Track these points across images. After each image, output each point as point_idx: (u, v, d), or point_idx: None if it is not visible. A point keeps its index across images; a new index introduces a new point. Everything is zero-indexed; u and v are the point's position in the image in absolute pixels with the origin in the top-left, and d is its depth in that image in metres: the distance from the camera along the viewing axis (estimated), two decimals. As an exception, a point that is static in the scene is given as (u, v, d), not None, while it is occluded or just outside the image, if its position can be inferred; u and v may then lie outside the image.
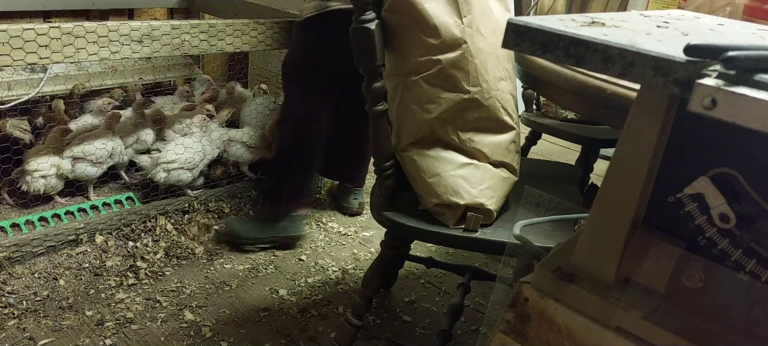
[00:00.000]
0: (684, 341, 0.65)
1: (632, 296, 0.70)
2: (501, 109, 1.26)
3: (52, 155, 1.96)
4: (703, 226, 0.68)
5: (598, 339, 0.69)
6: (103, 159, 2.02)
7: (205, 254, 1.97)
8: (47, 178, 1.94)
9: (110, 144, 2.04)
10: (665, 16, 0.87)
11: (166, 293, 1.76)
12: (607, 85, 1.13)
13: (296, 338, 1.64)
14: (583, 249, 0.74)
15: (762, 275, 0.65)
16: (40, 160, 1.92)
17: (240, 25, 2.00)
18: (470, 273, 1.63)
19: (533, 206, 1.20)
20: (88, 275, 1.79)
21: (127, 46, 1.77)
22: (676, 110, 0.65)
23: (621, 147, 0.69)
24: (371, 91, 1.21)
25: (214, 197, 2.19)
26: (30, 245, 1.79)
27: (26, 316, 1.61)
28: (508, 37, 0.68)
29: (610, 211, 0.71)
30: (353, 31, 1.17)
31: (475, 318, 1.80)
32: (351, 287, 1.89)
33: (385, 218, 1.29)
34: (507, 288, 0.93)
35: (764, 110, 0.49)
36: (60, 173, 1.96)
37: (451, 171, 1.24)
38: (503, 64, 1.27)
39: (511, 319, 0.76)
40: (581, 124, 2.17)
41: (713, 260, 0.68)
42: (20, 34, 1.56)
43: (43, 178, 1.93)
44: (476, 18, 1.21)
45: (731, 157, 0.65)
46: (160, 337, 1.59)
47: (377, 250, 1.86)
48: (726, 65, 0.53)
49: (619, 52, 0.60)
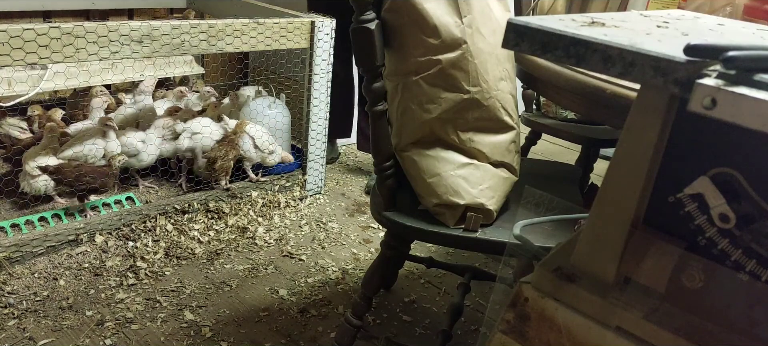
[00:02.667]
0: (684, 341, 0.65)
1: (632, 296, 0.70)
2: (501, 109, 1.26)
3: (50, 156, 1.96)
4: (703, 226, 0.68)
5: (598, 339, 0.69)
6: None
7: (205, 254, 1.97)
8: (47, 179, 1.94)
9: (101, 144, 2.05)
10: (665, 16, 0.87)
11: (166, 293, 1.76)
12: (607, 85, 1.13)
13: (296, 338, 1.64)
14: (583, 249, 0.74)
15: (762, 275, 0.65)
16: (39, 161, 1.92)
17: (240, 25, 2.00)
18: (470, 273, 1.63)
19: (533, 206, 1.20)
20: (88, 275, 1.79)
21: (127, 46, 1.77)
22: (676, 110, 0.65)
23: (621, 147, 0.69)
24: (371, 91, 1.21)
25: (214, 197, 2.19)
26: (30, 245, 1.79)
27: (26, 316, 1.61)
28: (508, 37, 0.68)
29: (610, 211, 0.71)
30: (353, 31, 1.17)
31: (475, 318, 1.80)
32: (351, 287, 1.89)
33: (385, 218, 1.29)
34: (507, 288, 0.93)
35: (764, 110, 0.49)
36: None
37: (451, 171, 1.24)
38: (503, 64, 1.27)
39: (511, 319, 0.76)
40: (581, 124, 2.17)
41: (713, 260, 0.68)
42: (20, 34, 1.56)
43: (44, 179, 1.93)
44: (476, 18, 1.21)
45: (731, 158, 0.64)
46: (160, 337, 1.59)
47: (377, 250, 1.86)
48: (726, 65, 0.53)
49: (619, 52, 0.59)
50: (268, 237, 2.11)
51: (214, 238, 2.06)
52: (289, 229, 2.19)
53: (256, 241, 2.08)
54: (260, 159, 2.30)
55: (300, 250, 2.07)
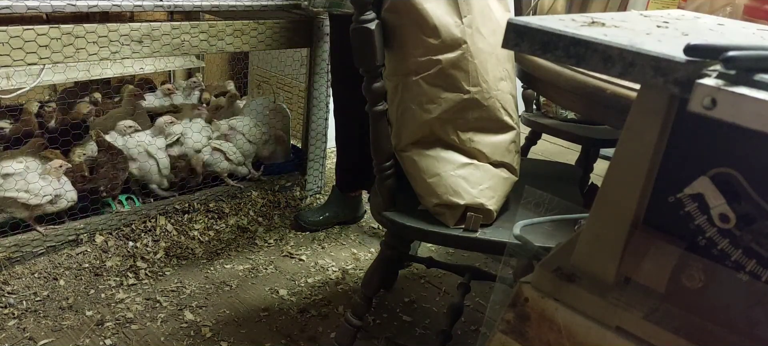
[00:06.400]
0: (684, 341, 0.65)
1: (632, 296, 0.70)
2: (501, 109, 1.26)
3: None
4: (703, 226, 0.68)
5: (598, 339, 0.69)
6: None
7: (205, 254, 1.97)
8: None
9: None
10: (665, 16, 0.87)
11: (166, 293, 1.76)
12: (607, 85, 1.13)
13: (296, 338, 1.64)
14: (583, 249, 0.74)
15: (762, 275, 0.65)
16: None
17: (240, 25, 2.00)
18: (470, 273, 1.63)
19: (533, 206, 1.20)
20: (88, 275, 1.79)
21: (127, 47, 1.77)
22: (676, 110, 0.65)
23: (621, 147, 0.69)
24: (371, 91, 1.21)
25: (214, 197, 2.20)
26: (30, 245, 1.79)
27: (26, 316, 1.61)
28: (508, 37, 0.68)
29: (610, 211, 0.71)
30: (353, 31, 1.17)
31: (475, 318, 1.80)
32: (351, 287, 1.89)
33: (385, 218, 1.29)
34: (507, 288, 0.93)
35: (764, 110, 0.49)
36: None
37: (451, 171, 1.24)
38: (503, 64, 1.27)
39: (511, 319, 0.76)
40: (581, 124, 2.17)
41: (713, 260, 0.68)
42: (20, 34, 1.56)
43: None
44: (476, 18, 1.21)
45: (731, 158, 0.64)
46: (160, 337, 1.59)
47: (377, 250, 1.86)
48: (726, 65, 0.53)
49: (619, 52, 0.59)
50: (268, 237, 2.12)
51: (214, 238, 2.06)
52: (289, 229, 2.19)
53: (256, 241, 2.08)
54: (232, 170, 2.27)
55: (300, 250, 2.07)
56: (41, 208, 1.79)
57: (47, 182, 1.79)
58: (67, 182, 1.85)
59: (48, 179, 1.80)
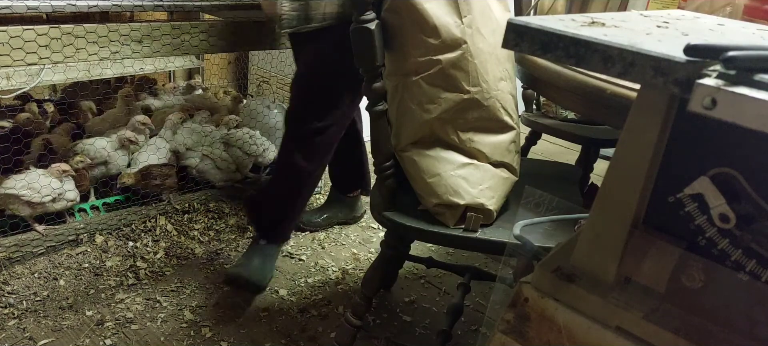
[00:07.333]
0: (684, 341, 0.65)
1: (632, 296, 0.70)
2: (501, 109, 1.26)
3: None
4: (703, 226, 0.68)
5: (598, 339, 0.69)
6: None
7: (205, 254, 1.97)
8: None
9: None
10: (665, 16, 0.87)
11: (166, 293, 1.76)
12: (607, 85, 1.13)
13: (296, 338, 1.64)
14: (583, 249, 0.74)
15: (762, 275, 0.65)
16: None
17: (240, 24, 2.00)
18: (470, 273, 1.63)
19: (533, 206, 1.20)
20: (88, 275, 1.79)
21: (127, 46, 1.77)
22: (676, 110, 0.65)
23: (621, 147, 0.69)
24: (371, 91, 1.21)
25: (213, 197, 2.19)
26: (30, 245, 1.79)
27: (26, 316, 1.61)
28: (508, 37, 0.68)
29: (610, 211, 0.71)
30: (353, 31, 1.17)
31: (475, 318, 1.80)
32: (351, 287, 1.89)
33: (385, 218, 1.29)
34: (507, 288, 0.93)
35: (764, 110, 0.49)
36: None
37: (451, 171, 1.24)
38: (503, 64, 1.27)
39: (511, 319, 0.76)
40: (581, 124, 2.17)
41: (713, 260, 0.68)
42: (20, 34, 1.56)
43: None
44: (476, 18, 1.21)
45: (731, 157, 0.64)
46: (160, 337, 1.59)
47: (377, 250, 1.86)
48: (726, 65, 0.53)
49: (619, 52, 0.59)
50: (268, 237, 2.11)
51: (214, 238, 2.06)
52: (289, 229, 2.19)
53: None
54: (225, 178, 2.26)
55: (300, 250, 2.07)
56: (43, 206, 1.81)
57: (49, 180, 1.80)
58: (69, 180, 1.86)
59: (50, 177, 1.81)
